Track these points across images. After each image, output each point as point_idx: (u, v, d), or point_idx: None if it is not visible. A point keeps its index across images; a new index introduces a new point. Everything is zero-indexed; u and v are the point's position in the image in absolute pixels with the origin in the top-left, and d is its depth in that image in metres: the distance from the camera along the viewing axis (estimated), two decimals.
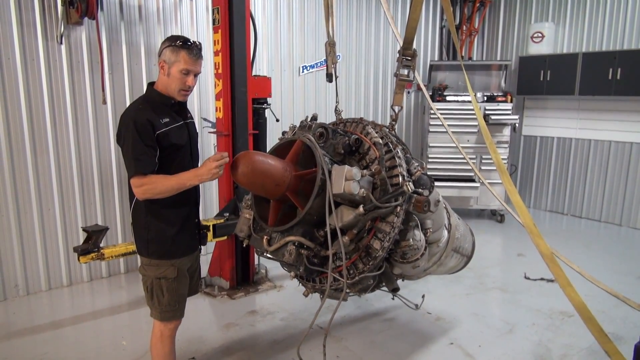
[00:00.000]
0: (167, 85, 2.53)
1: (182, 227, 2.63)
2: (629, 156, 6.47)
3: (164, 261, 2.58)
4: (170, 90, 2.53)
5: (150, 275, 2.59)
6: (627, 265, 5.11)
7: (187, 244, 2.68)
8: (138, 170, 2.38)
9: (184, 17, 5.01)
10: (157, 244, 2.56)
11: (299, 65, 6.02)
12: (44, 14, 4.13)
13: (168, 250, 2.58)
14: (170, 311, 2.63)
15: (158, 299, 2.60)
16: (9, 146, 4.09)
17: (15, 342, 3.55)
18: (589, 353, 3.39)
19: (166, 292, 2.59)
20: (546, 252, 2.33)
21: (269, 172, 2.17)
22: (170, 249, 2.59)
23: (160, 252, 2.57)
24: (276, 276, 4.72)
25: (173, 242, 2.59)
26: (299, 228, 2.24)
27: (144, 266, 2.62)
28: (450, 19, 3.18)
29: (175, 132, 2.54)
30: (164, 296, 2.59)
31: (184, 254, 2.66)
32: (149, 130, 2.42)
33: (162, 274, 2.58)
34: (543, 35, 6.93)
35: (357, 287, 2.42)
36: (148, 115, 2.45)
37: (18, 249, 4.24)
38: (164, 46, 2.50)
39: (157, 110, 2.50)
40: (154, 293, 2.60)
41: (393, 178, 2.31)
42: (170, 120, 2.53)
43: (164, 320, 2.64)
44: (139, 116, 2.43)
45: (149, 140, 2.42)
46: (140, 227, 2.58)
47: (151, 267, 2.59)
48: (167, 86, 2.53)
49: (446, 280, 4.63)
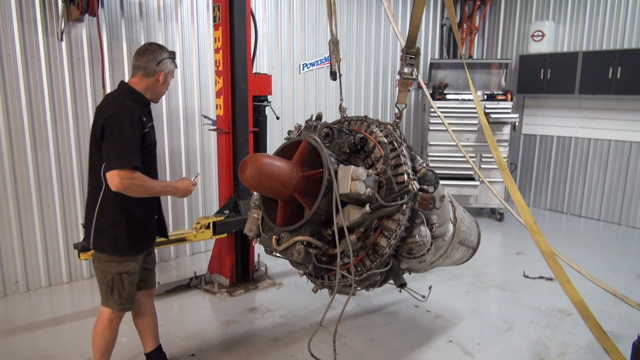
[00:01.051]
0: (157, 91, 2.69)
1: (147, 223, 2.75)
2: (628, 155, 6.48)
3: (126, 257, 2.64)
4: (157, 95, 2.72)
5: (112, 271, 2.62)
6: (626, 264, 5.12)
7: (148, 240, 2.82)
8: (131, 163, 2.43)
9: (184, 14, 5.01)
10: (124, 240, 2.60)
11: (300, 63, 6.02)
12: (45, 11, 4.13)
13: (134, 246, 2.66)
14: (129, 303, 2.72)
15: (119, 293, 2.65)
16: (9, 142, 4.09)
17: (16, 338, 3.56)
18: (587, 351, 3.40)
19: (127, 286, 2.67)
20: (546, 250, 2.34)
21: (276, 174, 2.19)
22: (135, 245, 2.67)
23: (127, 249, 2.62)
24: (276, 273, 4.73)
25: (139, 237, 2.68)
26: (307, 227, 2.27)
27: (104, 262, 2.63)
28: (453, 16, 3.17)
29: (151, 131, 2.68)
30: (125, 290, 2.66)
31: (146, 248, 2.79)
32: (140, 127, 2.54)
33: (124, 269, 2.63)
34: (543, 33, 6.93)
35: (365, 283, 2.48)
36: (139, 113, 2.56)
37: (18, 246, 4.25)
38: (165, 57, 2.66)
39: (141, 109, 2.61)
40: (115, 287, 2.64)
41: (398, 176, 2.33)
42: (148, 120, 2.65)
43: (122, 312, 2.72)
44: (134, 112, 2.51)
45: (139, 137, 2.52)
46: (107, 225, 2.59)
47: (112, 264, 2.62)
48: (157, 91, 2.69)
49: (445, 278, 4.64)
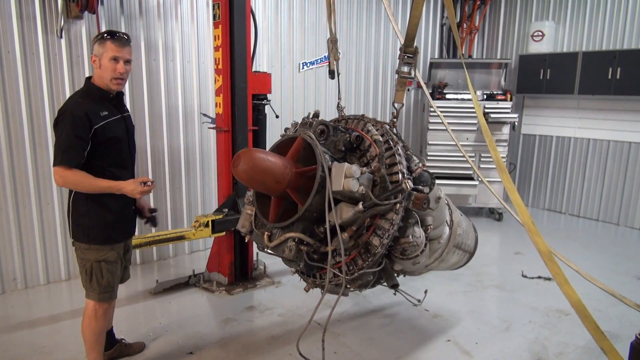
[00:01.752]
0: (102, 77, 2.66)
1: (121, 214, 2.80)
2: (627, 156, 6.49)
3: (104, 246, 2.73)
4: (105, 81, 2.66)
5: (91, 258, 2.71)
6: (624, 265, 5.13)
7: (125, 230, 2.88)
8: (63, 162, 2.52)
9: (184, 12, 5.00)
10: (97, 230, 2.69)
11: (299, 62, 6.02)
12: (44, 8, 4.12)
13: (109, 235, 2.74)
14: (108, 292, 2.79)
15: (97, 281, 2.73)
16: (8, 140, 4.09)
17: (14, 335, 3.56)
18: (585, 351, 3.41)
19: (105, 274, 2.74)
20: (544, 250, 2.34)
21: (269, 169, 2.18)
22: (111, 235, 2.75)
23: (101, 238, 2.71)
24: (274, 272, 4.73)
25: (113, 228, 2.76)
26: (299, 224, 2.26)
27: (83, 250, 2.73)
28: (452, 16, 3.19)
29: (113, 125, 2.69)
30: (104, 278, 2.74)
31: (123, 239, 2.85)
32: (85, 123, 2.55)
33: (102, 257, 2.72)
34: (543, 33, 6.93)
35: (356, 283, 2.46)
36: (87, 109, 2.58)
37: (17, 243, 4.24)
38: (93, 42, 2.67)
39: (97, 104, 2.65)
40: (94, 275, 2.72)
41: (393, 175, 2.32)
42: (109, 114, 2.68)
43: (101, 301, 2.78)
44: (77, 109, 2.56)
45: (83, 134, 2.55)
46: (80, 215, 2.70)
47: (91, 251, 2.71)
48: (102, 78, 2.66)
49: (444, 277, 4.64)
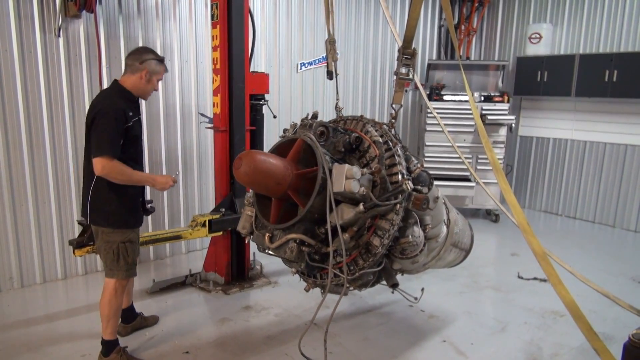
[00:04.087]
0: (143, 89, 3.04)
1: (135, 203, 3.12)
2: (623, 158, 6.51)
3: (126, 230, 3.04)
4: (144, 93, 3.08)
5: (117, 240, 3.00)
6: (620, 266, 5.15)
7: (139, 216, 3.20)
8: (110, 152, 2.79)
9: (182, 12, 5.01)
10: (119, 216, 3.00)
11: (297, 62, 6.02)
12: (42, 7, 4.11)
13: (127, 220, 3.05)
14: (132, 269, 3.11)
15: (125, 260, 3.03)
16: (5, 138, 4.09)
17: (10, 334, 3.56)
18: (580, 352, 3.43)
19: (131, 253, 3.06)
20: (538, 251, 2.35)
21: (270, 171, 2.20)
22: (129, 220, 3.07)
23: (122, 222, 3.02)
24: (271, 272, 4.73)
25: (131, 213, 3.08)
26: (300, 225, 2.27)
27: (107, 234, 3.00)
28: (450, 18, 3.19)
29: (136, 124, 3.02)
30: (129, 256, 3.05)
31: (137, 224, 3.17)
32: (123, 121, 2.86)
33: (127, 238, 3.04)
34: (541, 36, 6.95)
35: (357, 283, 2.48)
36: (124, 108, 2.89)
37: (13, 242, 4.24)
38: (149, 58, 3.00)
39: (127, 105, 2.95)
40: (121, 255, 3.01)
41: (392, 176, 2.34)
42: (133, 115, 2.98)
43: (127, 278, 3.09)
44: (118, 108, 2.85)
45: (121, 130, 2.86)
46: (102, 202, 2.97)
47: (117, 234, 3.00)
48: (143, 89, 3.04)
49: (440, 278, 4.65)
